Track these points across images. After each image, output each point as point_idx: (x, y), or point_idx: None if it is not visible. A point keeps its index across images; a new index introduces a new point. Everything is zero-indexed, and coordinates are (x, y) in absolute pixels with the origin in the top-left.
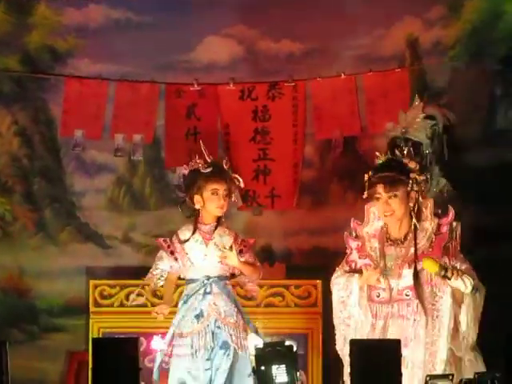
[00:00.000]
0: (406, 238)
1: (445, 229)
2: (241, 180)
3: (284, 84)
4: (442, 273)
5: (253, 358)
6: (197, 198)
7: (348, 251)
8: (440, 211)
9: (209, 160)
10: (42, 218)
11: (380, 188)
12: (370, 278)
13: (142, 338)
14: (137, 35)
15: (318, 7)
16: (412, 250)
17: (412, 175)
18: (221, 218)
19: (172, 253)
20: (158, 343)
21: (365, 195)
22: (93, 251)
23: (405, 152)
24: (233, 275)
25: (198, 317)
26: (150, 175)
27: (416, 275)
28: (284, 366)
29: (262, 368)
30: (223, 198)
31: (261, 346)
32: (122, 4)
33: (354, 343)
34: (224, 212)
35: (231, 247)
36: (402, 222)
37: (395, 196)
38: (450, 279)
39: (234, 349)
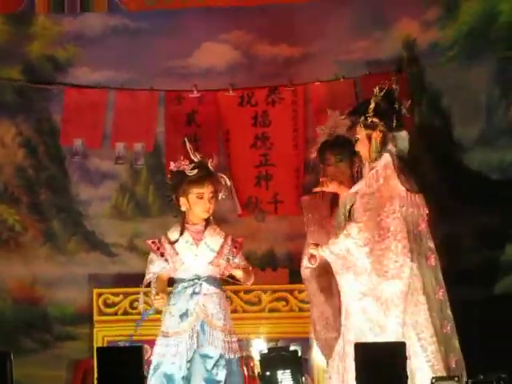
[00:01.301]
0: None
1: None
2: (227, 180)
3: (283, 89)
4: None
5: (258, 363)
6: (182, 200)
7: None
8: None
9: (195, 160)
10: (50, 228)
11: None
12: None
13: (146, 346)
14: (134, 42)
15: (314, 10)
16: None
17: None
18: (209, 218)
19: (162, 254)
20: None
21: None
22: (99, 259)
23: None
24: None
25: (182, 316)
26: (152, 182)
27: None
28: (289, 370)
29: (268, 373)
30: (209, 201)
31: (266, 351)
32: (119, 11)
33: (358, 347)
34: (211, 214)
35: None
36: None
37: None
38: None
39: (226, 357)
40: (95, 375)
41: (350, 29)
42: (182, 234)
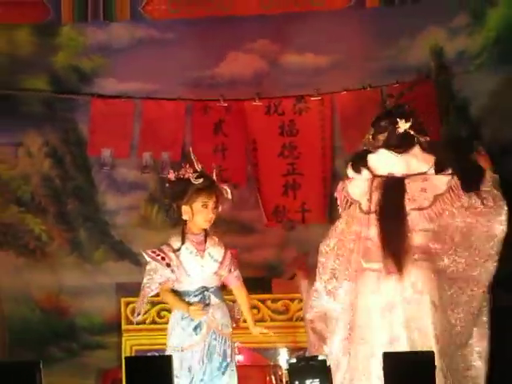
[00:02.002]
0: None
1: None
2: (229, 191)
3: (310, 98)
4: None
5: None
6: (185, 208)
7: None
8: None
9: (198, 169)
10: (77, 238)
11: None
12: None
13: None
14: (160, 53)
15: (341, 18)
16: None
17: None
18: (208, 228)
19: (169, 265)
20: None
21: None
22: (127, 268)
23: None
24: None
25: (196, 329)
26: None
27: None
28: (318, 380)
29: (296, 382)
30: (212, 211)
31: (294, 360)
32: (145, 22)
33: (386, 356)
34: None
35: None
36: None
37: None
38: None
39: (233, 362)
40: None
41: (376, 37)
42: (183, 242)
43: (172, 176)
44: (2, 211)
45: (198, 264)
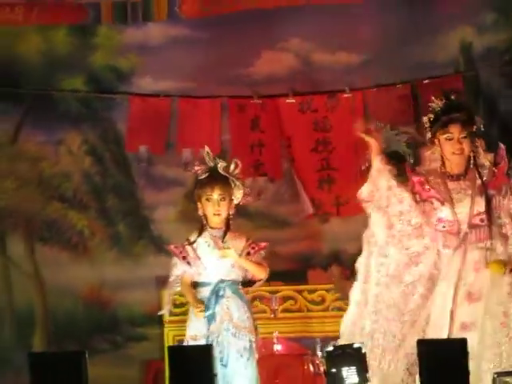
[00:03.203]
0: (466, 172)
1: (501, 161)
2: (237, 183)
3: (342, 95)
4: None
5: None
6: (198, 204)
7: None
8: None
9: (210, 165)
10: (117, 233)
11: (454, 128)
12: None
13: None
14: (195, 52)
15: (371, 17)
16: (478, 181)
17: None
18: (229, 222)
19: (184, 258)
20: None
21: (429, 135)
22: (166, 262)
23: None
24: (249, 282)
25: (210, 320)
26: None
27: (488, 202)
28: (354, 367)
29: (333, 370)
30: (218, 203)
31: (331, 348)
32: (180, 21)
33: (421, 343)
34: (224, 217)
35: (228, 246)
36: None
37: (466, 136)
38: None
39: (249, 356)
40: (166, 374)
41: (406, 34)
42: (199, 235)
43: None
44: (46, 207)
45: (214, 257)
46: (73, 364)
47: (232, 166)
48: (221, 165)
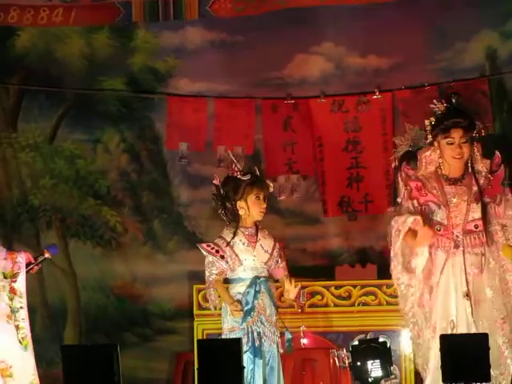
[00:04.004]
0: (463, 177)
1: (497, 168)
2: (271, 185)
3: (372, 96)
4: None
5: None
6: (240, 203)
7: (407, 189)
8: None
9: (241, 168)
10: (151, 229)
11: (455, 132)
12: (423, 238)
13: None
14: (231, 55)
15: (400, 24)
16: (474, 187)
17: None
18: (258, 221)
19: (223, 257)
20: None
21: (429, 139)
22: (198, 258)
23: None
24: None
25: (249, 312)
26: None
27: (484, 209)
28: (379, 361)
29: (358, 363)
30: (263, 202)
31: (356, 342)
32: (216, 25)
33: (444, 338)
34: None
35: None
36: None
37: (466, 141)
38: None
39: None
40: (196, 366)
41: (434, 40)
42: (234, 236)
43: (217, 181)
44: (80, 204)
45: (250, 254)
46: (105, 357)
47: (255, 171)
48: (255, 169)
